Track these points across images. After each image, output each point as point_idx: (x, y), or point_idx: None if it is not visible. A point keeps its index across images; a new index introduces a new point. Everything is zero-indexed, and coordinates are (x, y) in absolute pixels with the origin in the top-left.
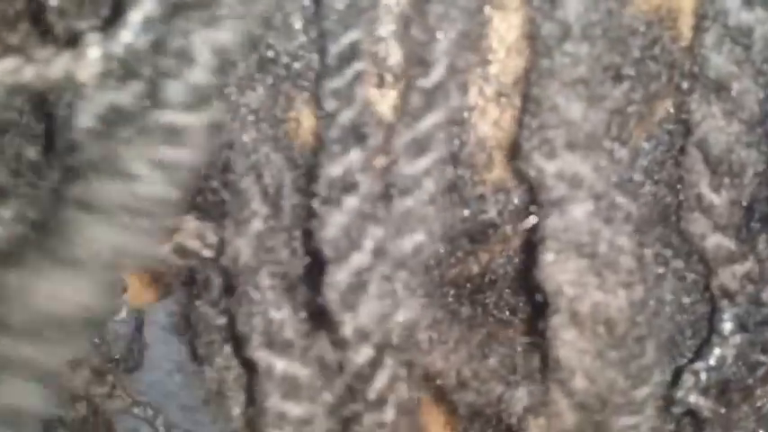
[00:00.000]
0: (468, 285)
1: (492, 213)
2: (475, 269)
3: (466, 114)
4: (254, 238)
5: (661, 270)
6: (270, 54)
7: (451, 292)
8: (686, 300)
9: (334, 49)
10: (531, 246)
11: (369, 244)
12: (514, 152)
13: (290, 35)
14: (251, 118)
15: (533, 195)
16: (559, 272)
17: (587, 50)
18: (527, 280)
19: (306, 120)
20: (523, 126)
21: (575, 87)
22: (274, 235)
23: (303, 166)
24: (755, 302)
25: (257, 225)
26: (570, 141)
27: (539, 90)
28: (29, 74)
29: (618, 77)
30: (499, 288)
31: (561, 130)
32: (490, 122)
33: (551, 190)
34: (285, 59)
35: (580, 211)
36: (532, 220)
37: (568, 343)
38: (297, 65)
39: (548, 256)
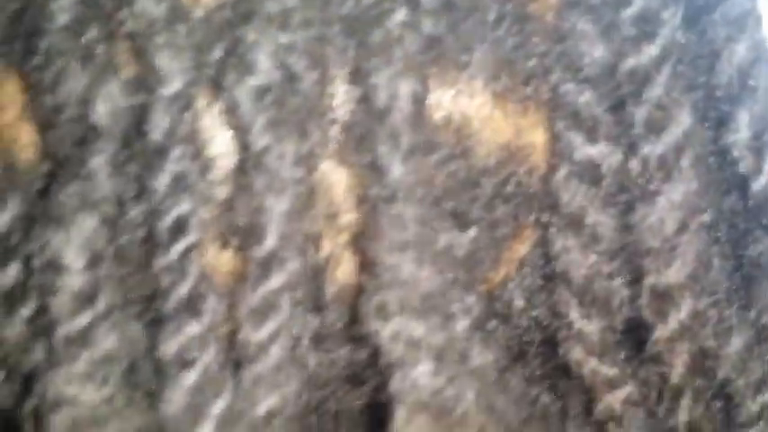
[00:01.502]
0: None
1: (365, 354)
2: (357, 404)
3: (322, 264)
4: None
5: (531, 410)
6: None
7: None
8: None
9: (162, 225)
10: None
11: (212, 418)
12: (351, 315)
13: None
14: None
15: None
16: None
17: (414, 212)
18: None
19: None
20: (361, 289)
21: (405, 249)
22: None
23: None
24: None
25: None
26: (404, 303)
27: (371, 252)
28: None
29: (465, 224)
30: None
31: (395, 292)
32: (348, 270)
33: (389, 353)
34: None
35: (420, 371)
36: None
37: None
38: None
39: (398, 416)
